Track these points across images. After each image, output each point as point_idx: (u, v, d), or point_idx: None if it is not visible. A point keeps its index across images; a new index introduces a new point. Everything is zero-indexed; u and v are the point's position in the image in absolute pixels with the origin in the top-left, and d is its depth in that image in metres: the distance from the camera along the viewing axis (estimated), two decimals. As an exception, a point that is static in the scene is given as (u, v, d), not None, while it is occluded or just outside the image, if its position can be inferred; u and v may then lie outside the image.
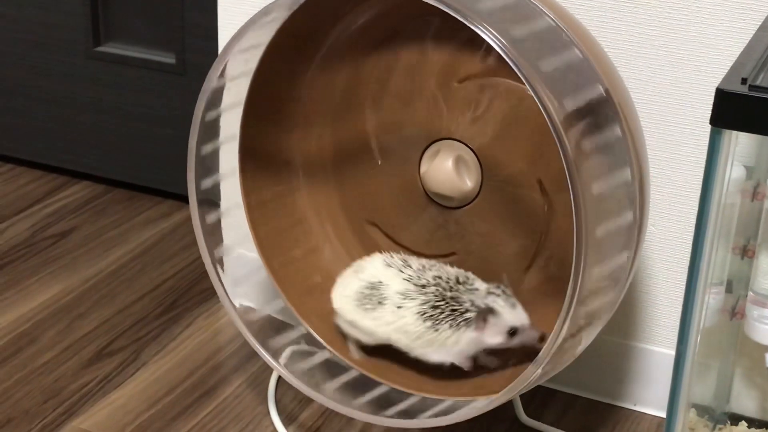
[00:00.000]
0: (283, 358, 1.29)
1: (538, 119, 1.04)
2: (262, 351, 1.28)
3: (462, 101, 1.24)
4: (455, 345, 1.21)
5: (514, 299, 1.20)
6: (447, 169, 1.25)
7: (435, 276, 1.21)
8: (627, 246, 1.11)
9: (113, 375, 1.46)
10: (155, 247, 1.78)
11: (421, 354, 1.23)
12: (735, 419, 1.31)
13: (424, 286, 1.21)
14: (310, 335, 1.32)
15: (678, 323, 1.03)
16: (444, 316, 1.20)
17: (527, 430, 1.37)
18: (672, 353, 1.07)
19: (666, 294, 1.36)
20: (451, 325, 1.20)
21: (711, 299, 1.14)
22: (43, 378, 1.45)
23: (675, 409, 1.06)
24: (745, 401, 1.32)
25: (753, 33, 1.13)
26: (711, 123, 0.95)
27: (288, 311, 1.33)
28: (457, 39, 1.22)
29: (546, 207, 1.23)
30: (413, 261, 1.24)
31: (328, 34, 1.28)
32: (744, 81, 0.93)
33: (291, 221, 1.36)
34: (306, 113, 1.33)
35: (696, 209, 0.99)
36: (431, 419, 1.19)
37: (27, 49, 1.92)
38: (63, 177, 1.99)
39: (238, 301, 1.30)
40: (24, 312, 1.59)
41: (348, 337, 1.30)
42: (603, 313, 1.14)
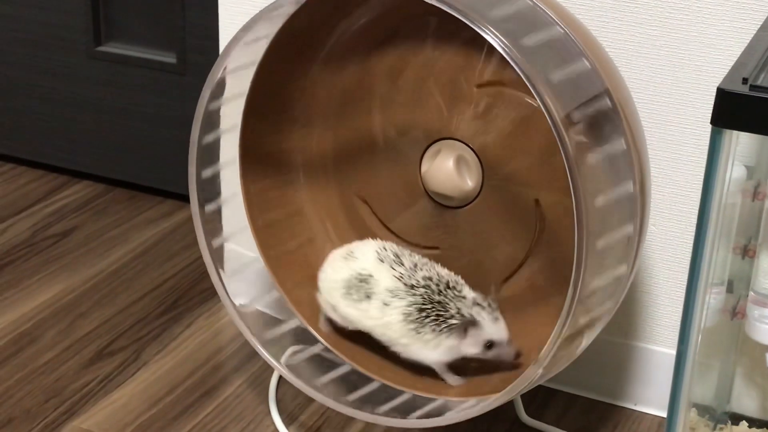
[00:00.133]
0: (284, 357, 1.29)
1: (541, 126, 1.04)
2: (262, 351, 1.28)
3: (464, 101, 1.24)
4: (434, 349, 1.22)
5: (498, 313, 1.21)
6: (448, 169, 1.25)
7: (425, 277, 1.22)
8: (627, 251, 1.11)
9: (114, 374, 1.46)
10: (156, 247, 1.78)
11: (401, 350, 1.24)
12: (736, 419, 1.31)
13: (413, 286, 1.21)
14: (306, 330, 1.32)
15: (679, 323, 1.03)
16: (429, 320, 1.20)
17: (528, 429, 1.37)
18: (673, 353, 1.07)
19: (667, 294, 1.36)
20: (434, 330, 1.20)
21: (712, 299, 1.14)
22: (44, 377, 1.45)
23: (676, 409, 1.06)
24: (746, 401, 1.32)
25: (754, 33, 1.13)
26: (712, 123, 0.95)
27: (283, 306, 1.34)
28: (459, 39, 1.22)
29: (538, 224, 1.24)
30: (406, 258, 1.24)
31: (330, 33, 1.28)
32: (745, 81, 0.93)
33: (289, 213, 1.36)
34: (307, 111, 1.33)
35: (697, 209, 0.99)
36: (432, 419, 1.19)
37: (28, 49, 1.93)
38: (64, 176, 1.99)
39: (238, 301, 1.30)
40: (25, 311, 1.59)
41: (323, 312, 1.30)
42: (603, 314, 1.14)
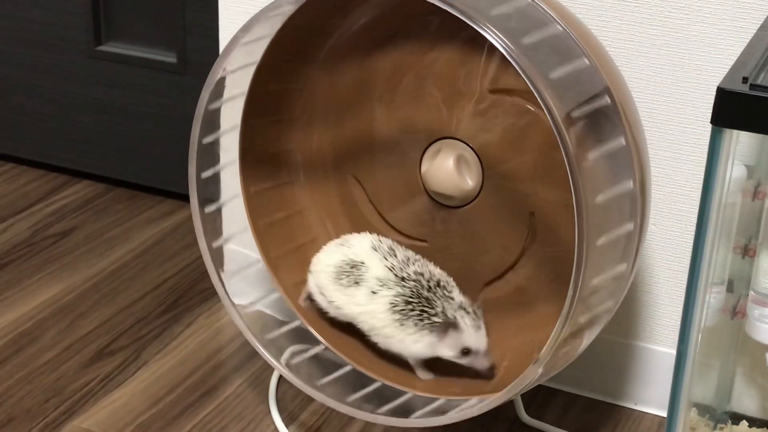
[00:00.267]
0: (284, 357, 1.29)
1: (542, 125, 1.04)
2: (263, 350, 1.28)
3: (464, 100, 1.24)
4: (414, 344, 1.22)
5: (481, 321, 1.21)
6: (448, 168, 1.25)
7: (417, 272, 1.22)
8: (628, 249, 1.11)
9: (114, 374, 1.46)
10: (156, 247, 1.78)
11: (381, 341, 1.25)
12: (736, 418, 1.31)
13: (403, 279, 1.22)
14: (307, 330, 1.33)
15: (679, 322, 1.03)
16: (413, 313, 1.21)
17: (528, 429, 1.37)
18: (673, 352, 1.07)
19: (667, 293, 1.36)
20: (416, 324, 1.21)
21: (712, 298, 1.14)
22: (45, 377, 1.45)
23: (676, 409, 1.06)
24: (746, 400, 1.32)
25: (754, 32, 1.13)
26: (712, 122, 0.95)
27: (285, 307, 1.34)
28: (459, 38, 1.22)
29: (528, 234, 1.24)
30: (400, 251, 1.25)
31: (330, 33, 1.28)
32: (745, 80, 0.93)
33: (290, 214, 1.36)
34: (307, 111, 1.33)
35: (697, 208, 0.99)
36: (432, 418, 1.19)
37: (28, 49, 1.93)
38: (64, 176, 1.99)
39: (238, 301, 1.30)
40: (25, 311, 1.59)
41: (306, 291, 1.31)
42: (604, 313, 1.14)
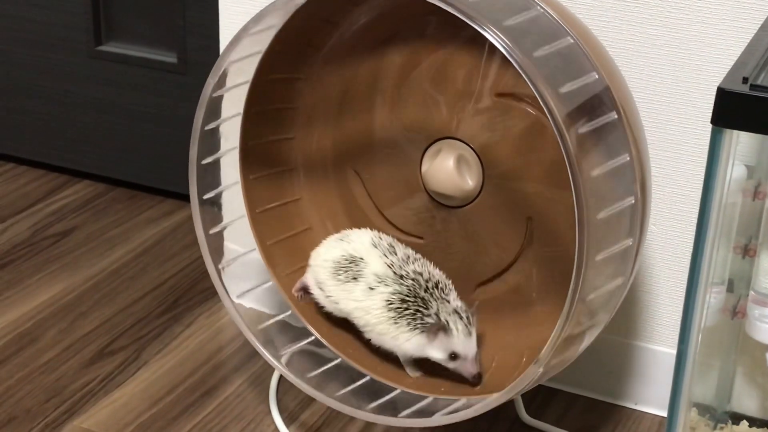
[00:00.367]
0: (285, 357, 1.29)
1: (542, 124, 1.04)
2: (263, 350, 1.28)
3: (464, 100, 1.24)
4: (405, 342, 1.23)
5: (473, 329, 1.21)
6: (448, 168, 1.25)
7: (416, 271, 1.23)
8: (624, 264, 1.11)
9: (115, 374, 1.46)
10: (156, 246, 1.78)
11: (375, 338, 1.25)
12: (736, 418, 1.31)
13: (402, 277, 1.22)
14: (307, 330, 1.33)
15: (679, 322, 1.03)
16: (408, 312, 1.21)
17: (528, 429, 1.37)
18: (673, 352, 1.07)
19: (667, 293, 1.36)
20: (409, 323, 1.21)
21: (712, 298, 1.14)
22: (45, 377, 1.45)
23: (676, 409, 1.06)
24: (747, 400, 1.32)
25: (754, 32, 1.13)
26: (712, 122, 0.95)
27: (275, 297, 1.34)
28: (459, 38, 1.22)
29: (524, 240, 1.24)
30: (400, 249, 1.25)
31: (331, 32, 1.28)
32: (745, 80, 0.93)
33: (287, 202, 1.36)
34: (308, 109, 1.33)
35: (697, 208, 0.99)
36: (432, 418, 1.19)
37: (28, 49, 1.93)
38: (64, 176, 1.99)
39: (239, 301, 1.30)
40: (25, 311, 1.59)
41: (303, 282, 1.31)
42: (604, 313, 1.14)
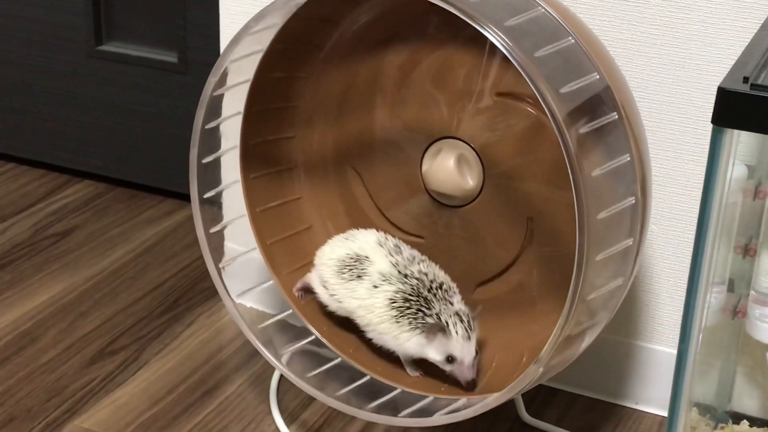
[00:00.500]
0: (285, 356, 1.29)
1: (542, 124, 1.04)
2: (263, 350, 1.28)
3: (465, 100, 1.24)
4: (406, 342, 1.23)
5: (473, 334, 1.21)
6: (448, 168, 1.25)
7: (421, 271, 1.23)
8: (625, 264, 1.11)
9: (115, 374, 1.46)
10: (157, 246, 1.78)
11: (376, 337, 1.25)
12: (737, 418, 1.31)
13: (406, 276, 1.22)
14: (308, 330, 1.33)
15: (680, 322, 1.03)
16: (410, 311, 1.21)
17: (529, 428, 1.37)
18: (674, 352, 1.07)
19: (668, 293, 1.36)
20: (411, 323, 1.21)
21: (713, 298, 1.14)
22: (46, 377, 1.45)
23: (677, 408, 1.06)
24: (747, 400, 1.32)
25: (755, 32, 1.13)
26: (713, 122, 0.95)
27: (277, 296, 1.34)
28: (460, 38, 1.22)
29: (526, 237, 1.24)
30: (405, 249, 1.26)
31: (331, 31, 1.28)
32: (746, 80, 0.93)
33: (287, 201, 1.36)
34: (308, 109, 1.33)
35: (697, 208, 0.99)
36: (432, 417, 1.19)
37: (29, 48, 1.93)
38: (65, 176, 1.99)
39: (239, 300, 1.30)
40: (26, 311, 1.59)
41: (304, 282, 1.31)
42: (604, 313, 1.14)
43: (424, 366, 1.26)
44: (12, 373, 1.45)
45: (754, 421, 1.30)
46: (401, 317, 1.22)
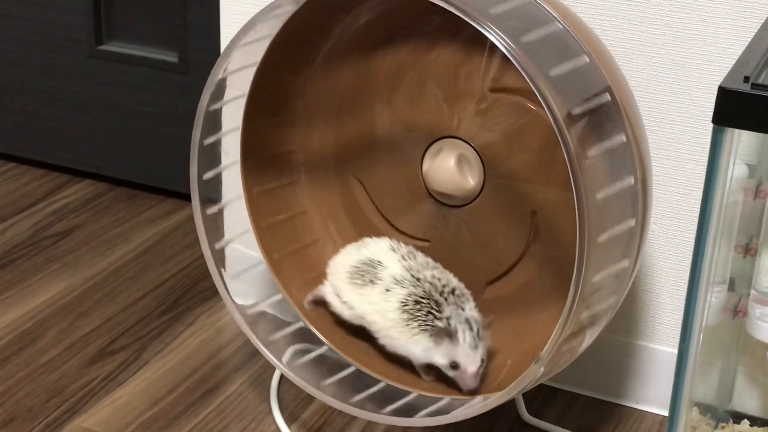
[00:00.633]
0: (286, 356, 1.29)
1: (543, 124, 1.04)
2: (264, 350, 1.28)
3: (465, 99, 1.24)
4: (415, 345, 1.22)
5: (481, 343, 1.20)
6: (449, 168, 1.25)
7: (434, 276, 1.22)
8: (629, 247, 1.11)
9: (116, 373, 1.46)
10: (157, 246, 1.78)
11: (388, 343, 1.25)
12: (737, 417, 1.31)
13: (419, 279, 1.22)
14: (308, 330, 1.32)
15: (680, 321, 1.03)
16: (420, 314, 1.21)
17: (529, 428, 1.37)
18: (674, 351, 1.07)
19: (668, 292, 1.36)
20: (420, 325, 1.21)
21: (713, 298, 1.14)
22: (46, 376, 1.45)
23: (677, 408, 1.06)
24: (748, 399, 1.32)
25: (755, 31, 1.13)
26: (713, 121, 0.95)
27: (289, 308, 1.34)
28: (460, 37, 1.22)
29: (531, 232, 1.24)
30: (419, 256, 1.25)
31: (330, 32, 1.28)
32: (746, 79, 0.93)
33: (292, 215, 1.36)
34: (308, 111, 1.33)
35: (698, 207, 0.99)
36: (433, 417, 1.19)
37: (29, 48, 1.93)
38: (65, 176, 1.99)
39: (240, 300, 1.30)
40: (26, 311, 1.59)
41: (316, 294, 1.31)
42: (606, 311, 1.14)
43: (437, 370, 1.25)
44: (12, 373, 1.45)
45: (754, 421, 1.30)
46: (411, 320, 1.21)
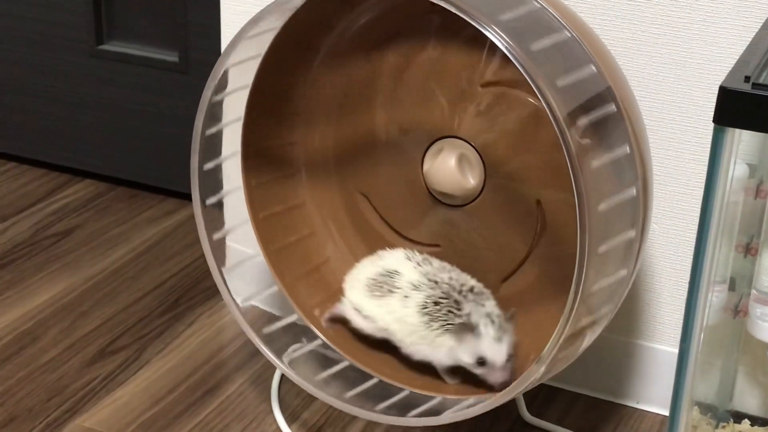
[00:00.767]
0: (286, 356, 1.29)
1: (543, 124, 1.04)
2: (265, 349, 1.28)
3: (466, 99, 1.24)
4: (438, 347, 1.21)
5: (505, 336, 1.19)
6: (449, 167, 1.25)
7: (451, 278, 1.22)
8: (628, 256, 1.11)
9: (116, 373, 1.46)
10: (158, 246, 1.78)
11: (413, 351, 1.24)
12: (738, 417, 1.31)
13: (436, 282, 1.21)
14: (306, 327, 1.32)
15: (681, 321, 1.03)
16: (440, 314, 1.20)
17: (530, 428, 1.37)
18: (675, 351, 1.07)
19: (669, 292, 1.36)
20: (442, 325, 1.20)
21: (714, 297, 1.14)
22: (47, 376, 1.45)
23: (678, 407, 1.06)
24: (748, 399, 1.32)
25: (756, 31, 1.13)
26: (714, 121, 0.95)
27: (290, 309, 1.34)
28: (461, 37, 1.22)
29: (538, 225, 1.24)
30: (435, 261, 1.25)
31: (331, 31, 1.28)
32: (747, 79, 0.93)
33: (290, 210, 1.36)
34: (309, 108, 1.33)
35: (699, 207, 0.99)
36: (434, 417, 1.19)
37: (30, 48, 1.93)
38: (65, 175, 1.99)
39: (240, 300, 1.30)
40: (27, 310, 1.59)
41: (333, 312, 1.31)
42: (604, 315, 1.14)
43: (462, 373, 1.24)
44: (13, 373, 1.45)
45: (755, 420, 1.30)
46: (433, 321, 1.20)
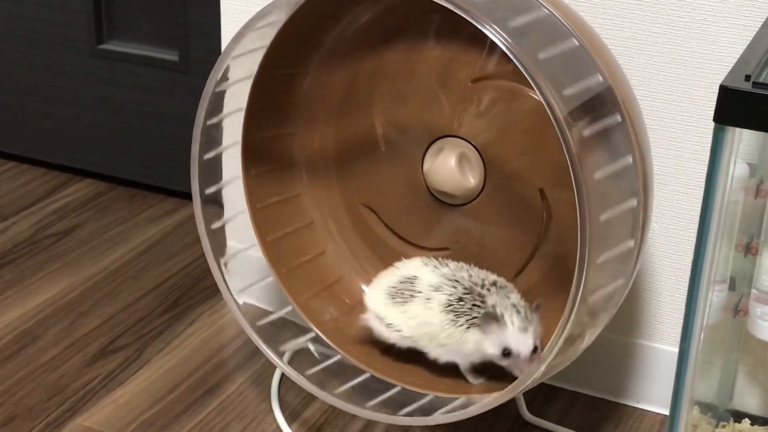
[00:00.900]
0: (287, 355, 1.29)
1: (543, 124, 1.03)
2: (265, 349, 1.28)
3: (466, 99, 1.24)
4: (465, 344, 1.21)
5: (532, 326, 1.18)
6: (450, 167, 1.25)
7: (470, 275, 1.21)
8: (626, 266, 1.11)
9: (117, 372, 1.46)
10: (158, 245, 1.78)
11: (440, 354, 1.23)
12: (738, 416, 1.31)
13: (457, 281, 1.21)
14: (316, 336, 1.32)
15: (681, 320, 1.03)
16: (465, 308, 1.19)
17: (530, 427, 1.37)
18: (675, 350, 1.07)
19: (669, 291, 1.36)
20: (468, 320, 1.19)
21: (714, 297, 1.14)
22: (47, 376, 1.45)
23: (678, 407, 1.06)
24: (748, 398, 1.32)
25: (757, 30, 1.13)
26: (714, 120, 0.95)
27: (294, 312, 1.34)
28: (460, 37, 1.22)
29: (545, 214, 1.23)
30: (450, 263, 1.25)
31: (329, 33, 1.28)
32: (748, 78, 0.93)
33: (297, 225, 1.36)
34: (308, 111, 1.33)
35: (699, 206, 0.99)
36: (436, 416, 1.19)
37: (30, 47, 1.93)
38: (66, 175, 1.99)
39: (241, 299, 1.30)
40: (27, 310, 1.59)
41: (361, 326, 1.30)
42: (605, 312, 1.14)
43: (485, 371, 1.24)
44: (13, 372, 1.45)
45: (755, 420, 1.30)
46: (458, 318, 1.19)
